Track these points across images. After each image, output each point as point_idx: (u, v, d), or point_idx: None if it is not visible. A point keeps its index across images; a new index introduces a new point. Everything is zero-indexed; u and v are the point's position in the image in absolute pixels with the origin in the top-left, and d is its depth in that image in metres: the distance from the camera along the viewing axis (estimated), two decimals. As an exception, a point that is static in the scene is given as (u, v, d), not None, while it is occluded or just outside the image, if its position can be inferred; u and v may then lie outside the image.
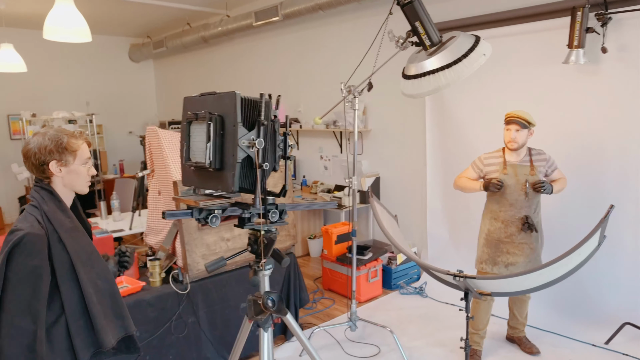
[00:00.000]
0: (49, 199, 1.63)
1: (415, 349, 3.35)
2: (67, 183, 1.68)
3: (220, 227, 3.02)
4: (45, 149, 1.62)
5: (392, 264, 4.48)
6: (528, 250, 3.00)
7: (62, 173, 1.66)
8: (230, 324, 3.09)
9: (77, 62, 8.11)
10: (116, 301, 1.73)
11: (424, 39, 2.64)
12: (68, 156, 1.65)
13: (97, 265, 1.69)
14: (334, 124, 5.36)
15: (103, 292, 1.68)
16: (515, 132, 2.93)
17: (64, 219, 1.63)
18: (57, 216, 1.62)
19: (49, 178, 1.66)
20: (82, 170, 1.70)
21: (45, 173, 1.64)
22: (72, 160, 1.66)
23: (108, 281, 1.72)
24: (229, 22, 6.16)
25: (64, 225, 1.62)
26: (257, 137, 1.52)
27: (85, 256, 1.65)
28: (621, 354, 3.18)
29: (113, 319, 1.70)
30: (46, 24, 3.42)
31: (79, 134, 1.71)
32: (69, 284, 1.60)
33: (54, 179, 1.66)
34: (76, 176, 1.69)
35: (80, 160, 1.69)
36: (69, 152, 1.65)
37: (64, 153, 1.64)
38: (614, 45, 3.30)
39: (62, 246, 1.59)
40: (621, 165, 3.40)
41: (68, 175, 1.67)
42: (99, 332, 1.64)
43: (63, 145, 1.64)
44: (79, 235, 1.66)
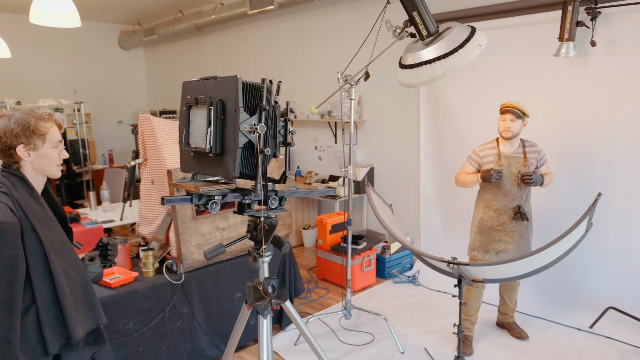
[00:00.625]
0: (19, 186, 1.57)
1: (408, 336, 3.39)
2: (37, 167, 1.62)
3: (215, 216, 3.01)
4: (12, 132, 1.54)
5: (386, 253, 4.51)
6: (518, 238, 3.06)
7: (31, 157, 1.59)
8: (224, 314, 3.09)
9: (65, 48, 7.95)
10: (87, 292, 1.70)
11: (421, 29, 2.65)
12: (37, 140, 1.58)
13: (69, 255, 1.65)
14: (328, 114, 5.36)
15: (75, 283, 1.65)
16: (510, 121, 2.97)
17: (37, 207, 1.58)
18: (29, 204, 1.56)
19: (17, 163, 1.59)
20: (52, 154, 1.63)
21: (12, 158, 1.57)
22: (42, 144, 1.60)
23: (80, 271, 1.69)
24: (223, 10, 6.09)
25: (36, 213, 1.57)
26: (258, 122, 1.52)
27: (58, 245, 1.61)
28: (604, 337, 3.27)
29: (84, 309, 1.68)
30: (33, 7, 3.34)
31: (47, 116, 1.64)
32: (41, 274, 1.56)
33: (23, 163, 1.60)
34: (46, 160, 1.62)
35: (50, 144, 1.62)
36: (38, 136, 1.58)
37: (32, 137, 1.57)
38: (603, 39, 3.36)
39: (34, 235, 1.54)
40: (608, 155, 3.47)
41: (38, 159, 1.60)
42: (69, 323, 1.61)
43: (31, 128, 1.56)
44: (52, 224, 1.62)
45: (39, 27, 7.41)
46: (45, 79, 7.81)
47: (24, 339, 1.54)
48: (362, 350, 3.22)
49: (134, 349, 2.64)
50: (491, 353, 3.14)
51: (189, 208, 2.87)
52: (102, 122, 8.41)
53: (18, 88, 7.49)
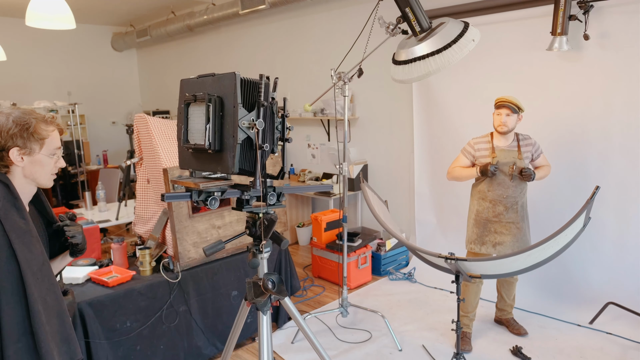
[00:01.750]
0: (2, 194, 1.38)
1: (406, 333, 3.40)
2: (29, 174, 1.44)
3: (211, 214, 3.01)
4: (8, 132, 1.36)
5: (381, 250, 4.52)
6: (515, 230, 3.07)
7: (24, 163, 1.41)
8: (221, 312, 3.09)
9: (59, 51, 7.93)
10: (63, 322, 1.47)
11: (414, 25, 2.66)
12: (34, 144, 1.40)
13: (47, 279, 1.43)
14: (321, 112, 5.36)
15: (51, 311, 1.43)
16: (506, 116, 2.99)
17: (18, 219, 1.38)
18: (9, 215, 1.37)
19: (7, 167, 1.40)
20: (48, 162, 1.45)
21: (3, 160, 1.39)
22: (38, 149, 1.42)
23: (57, 297, 1.46)
24: (214, 10, 6.08)
25: (16, 227, 1.37)
26: (257, 118, 1.52)
27: (37, 267, 1.40)
28: (605, 332, 3.28)
29: (59, 343, 1.44)
30: (29, 10, 3.34)
31: (50, 119, 1.46)
32: (13, 298, 1.35)
33: (13, 168, 1.41)
34: (40, 168, 1.44)
35: (48, 150, 1.44)
36: (36, 140, 1.40)
37: (29, 140, 1.39)
38: (596, 33, 3.38)
39: (11, 252, 1.34)
40: (604, 149, 3.49)
41: (31, 165, 1.42)
42: (44, 357, 1.38)
43: (30, 130, 1.39)
44: (33, 241, 1.41)
45: (33, 29, 7.37)
46: (40, 81, 7.77)
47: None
48: (359, 348, 3.23)
49: (131, 348, 2.64)
50: (490, 350, 3.15)
51: (185, 206, 2.87)
52: (96, 123, 8.38)
53: (13, 90, 7.46)
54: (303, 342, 3.29)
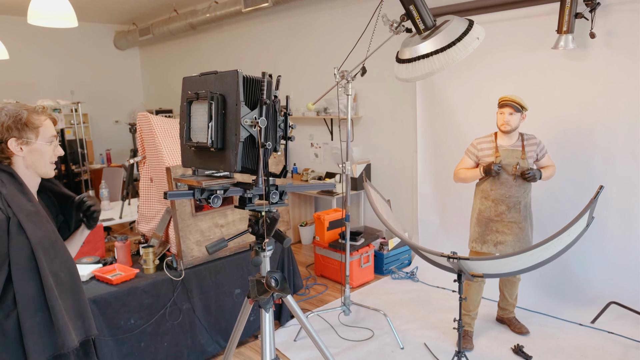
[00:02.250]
0: (7, 181, 1.47)
1: (408, 332, 3.40)
2: (30, 164, 1.52)
3: (214, 213, 3.02)
4: (3, 124, 1.45)
5: (384, 249, 4.52)
6: (517, 230, 3.06)
7: (24, 152, 1.49)
8: (224, 310, 3.10)
9: (61, 49, 7.95)
10: (78, 298, 1.54)
11: (418, 23, 2.65)
12: (29, 133, 1.49)
13: (60, 255, 1.51)
14: (324, 111, 5.36)
15: (64, 287, 1.50)
16: (509, 115, 2.98)
17: (25, 202, 1.47)
18: (16, 200, 1.45)
19: (9, 159, 1.49)
20: (46, 149, 1.53)
21: (4, 153, 1.48)
22: (35, 138, 1.50)
23: (72, 274, 1.54)
24: (217, 8, 6.09)
25: (24, 208, 1.46)
26: (259, 116, 1.52)
27: (48, 244, 1.48)
28: (607, 332, 3.27)
29: (74, 318, 1.51)
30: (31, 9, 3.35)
31: (41, 110, 1.55)
32: (26, 274, 1.43)
33: (15, 159, 1.50)
34: (40, 156, 1.52)
35: (44, 138, 1.52)
36: (30, 129, 1.49)
37: (24, 130, 1.47)
38: (602, 31, 3.35)
39: (21, 232, 1.43)
40: (608, 148, 3.48)
41: (30, 154, 1.51)
42: (60, 330, 1.44)
43: (23, 121, 1.47)
44: (42, 220, 1.49)
45: (36, 28, 7.39)
46: (43, 80, 7.80)
47: (4, 350, 1.40)
48: (361, 346, 3.23)
49: (135, 345, 2.65)
50: (492, 348, 3.14)
51: (188, 205, 2.87)
52: (99, 121, 8.40)
53: (16, 89, 7.48)
54: (305, 340, 3.29)
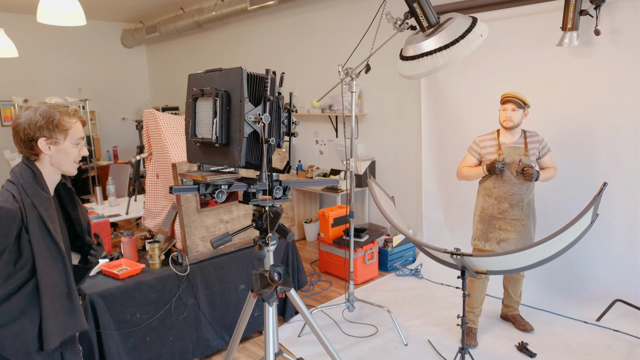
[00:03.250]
0: (28, 176, 1.55)
1: (412, 328, 3.41)
2: (55, 162, 1.60)
3: (219, 208, 3.04)
4: (35, 124, 1.53)
5: (388, 246, 4.54)
6: (520, 227, 3.06)
7: (51, 151, 1.57)
8: (229, 305, 3.13)
9: (69, 47, 8.01)
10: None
11: (422, 20, 2.66)
12: (58, 134, 1.56)
13: (67, 246, 1.64)
14: (329, 108, 5.38)
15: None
16: (511, 111, 2.98)
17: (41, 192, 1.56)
18: (36, 193, 1.54)
19: (37, 155, 1.57)
20: (72, 151, 1.61)
21: (33, 150, 1.56)
22: (63, 139, 1.58)
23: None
24: (223, 6, 6.11)
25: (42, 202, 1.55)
26: (263, 112, 1.54)
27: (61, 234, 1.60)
28: (612, 330, 3.27)
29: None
30: (40, 7, 3.39)
31: (73, 112, 1.62)
32: (50, 261, 1.53)
33: (42, 157, 1.58)
34: (65, 156, 1.60)
35: (72, 140, 1.60)
36: (60, 131, 1.56)
37: (54, 131, 1.55)
38: (607, 28, 3.34)
39: (42, 223, 1.52)
40: (612, 145, 3.47)
41: (57, 154, 1.58)
42: (79, 312, 1.59)
43: (54, 122, 1.55)
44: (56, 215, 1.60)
45: (44, 26, 7.45)
46: (51, 77, 7.87)
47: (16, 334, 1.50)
48: (365, 342, 3.25)
49: (141, 339, 2.68)
50: (495, 345, 3.15)
51: (193, 201, 2.90)
52: (106, 119, 8.46)
53: (25, 86, 7.56)
54: (309, 336, 3.32)
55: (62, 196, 1.72)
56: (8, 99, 7.40)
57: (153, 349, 2.75)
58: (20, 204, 1.49)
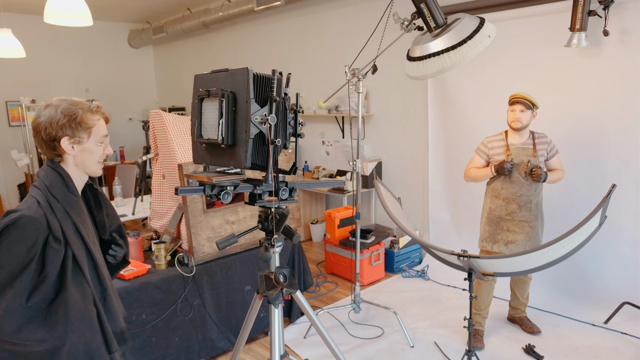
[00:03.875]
0: (54, 180, 1.47)
1: (418, 330, 3.40)
2: (79, 162, 1.50)
3: (225, 209, 3.04)
4: (57, 123, 1.43)
5: (395, 247, 4.52)
6: (528, 229, 3.04)
7: (75, 151, 1.47)
8: (235, 306, 3.12)
9: (76, 48, 8.06)
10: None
11: (429, 21, 2.64)
12: (82, 133, 1.47)
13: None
14: (336, 109, 5.37)
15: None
16: (520, 112, 2.96)
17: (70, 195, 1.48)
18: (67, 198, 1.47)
19: (60, 156, 1.48)
20: (96, 150, 1.52)
21: (56, 150, 1.46)
22: (87, 138, 1.48)
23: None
24: (230, 6, 6.12)
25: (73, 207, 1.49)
26: (269, 113, 1.53)
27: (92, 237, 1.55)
28: (620, 332, 3.23)
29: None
30: (47, 7, 3.40)
31: (95, 108, 1.52)
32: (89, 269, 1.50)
33: (66, 157, 1.49)
34: (89, 155, 1.50)
35: (96, 138, 1.50)
36: (83, 129, 1.47)
37: (77, 129, 1.45)
38: (616, 28, 3.31)
39: (76, 229, 1.46)
40: (621, 147, 3.43)
41: (81, 153, 1.49)
42: (115, 315, 1.57)
43: (77, 120, 1.45)
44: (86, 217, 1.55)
45: (51, 26, 7.50)
46: (58, 78, 7.92)
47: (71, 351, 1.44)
48: (371, 344, 3.23)
49: (146, 340, 2.69)
50: (502, 348, 3.13)
51: (199, 202, 2.90)
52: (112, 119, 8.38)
53: (32, 87, 7.61)
54: (315, 337, 3.31)
55: (88, 197, 1.64)
56: (15, 99, 7.45)
57: (159, 350, 2.75)
58: (45, 211, 1.41)
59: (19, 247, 1.35)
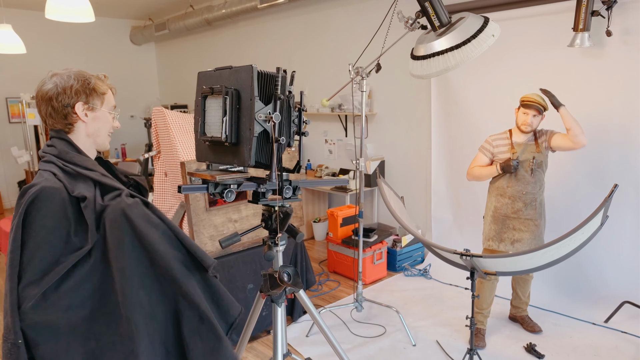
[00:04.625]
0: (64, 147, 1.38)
1: (420, 329, 3.40)
2: (92, 132, 1.43)
3: (227, 208, 3.04)
4: (71, 88, 1.37)
5: (397, 246, 4.52)
6: (533, 227, 3.04)
7: (88, 119, 1.41)
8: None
9: (78, 44, 8.05)
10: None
11: (433, 20, 2.64)
12: (96, 99, 1.41)
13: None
14: (339, 108, 5.36)
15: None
16: (532, 117, 2.96)
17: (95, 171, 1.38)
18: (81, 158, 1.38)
19: (71, 125, 1.40)
20: (108, 119, 1.46)
21: (67, 119, 1.38)
22: (100, 105, 1.43)
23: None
24: (233, 4, 6.11)
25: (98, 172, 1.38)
26: (273, 111, 1.53)
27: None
28: (620, 331, 3.24)
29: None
30: (48, 3, 3.40)
31: (103, 77, 1.48)
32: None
33: (77, 126, 1.41)
34: (103, 124, 1.44)
35: (108, 106, 1.46)
36: (97, 95, 1.42)
37: (91, 95, 1.40)
38: (619, 29, 3.31)
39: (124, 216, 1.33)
40: (623, 147, 3.43)
41: (94, 122, 1.42)
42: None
43: (91, 85, 1.40)
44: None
45: (52, 23, 7.49)
46: (59, 74, 7.89)
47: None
48: (373, 343, 3.23)
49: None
50: (504, 346, 3.13)
51: (202, 200, 2.90)
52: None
53: (33, 83, 7.60)
54: (318, 336, 3.31)
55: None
56: (16, 96, 7.45)
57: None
58: (64, 181, 1.31)
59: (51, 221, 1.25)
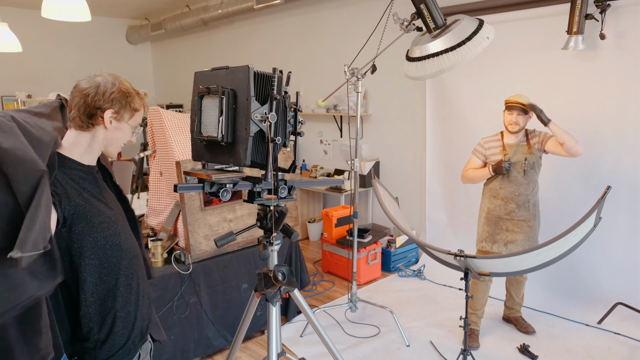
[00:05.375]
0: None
1: (414, 329, 3.41)
2: (109, 139, 1.45)
3: (222, 207, 3.04)
4: (110, 94, 1.40)
5: (391, 247, 4.53)
6: (527, 228, 3.06)
7: (112, 126, 1.43)
8: (231, 305, 3.12)
9: (74, 43, 8.02)
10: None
11: (429, 22, 2.66)
12: (127, 113, 1.44)
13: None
14: (334, 108, 5.37)
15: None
16: (517, 115, 2.98)
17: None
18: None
19: (92, 125, 1.41)
20: (128, 134, 1.49)
21: (92, 119, 1.40)
22: (127, 119, 1.46)
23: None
24: (229, 4, 6.11)
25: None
26: (269, 111, 1.54)
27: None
28: (613, 333, 3.27)
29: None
30: (45, 2, 3.39)
31: (144, 94, 1.51)
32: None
33: (97, 129, 1.43)
34: (121, 136, 1.47)
35: (134, 122, 1.49)
36: (130, 110, 1.45)
37: (125, 107, 1.43)
38: (612, 32, 3.35)
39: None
40: (617, 149, 3.46)
41: (115, 131, 1.45)
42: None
43: (129, 99, 1.44)
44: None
45: (49, 21, 7.45)
46: (55, 73, 7.88)
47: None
48: (367, 343, 3.25)
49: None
50: (497, 347, 3.15)
51: (197, 199, 2.90)
52: (109, 116, 8.46)
53: (28, 82, 7.56)
54: (312, 336, 3.31)
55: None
56: (11, 94, 7.41)
57: (155, 347, 2.74)
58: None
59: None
